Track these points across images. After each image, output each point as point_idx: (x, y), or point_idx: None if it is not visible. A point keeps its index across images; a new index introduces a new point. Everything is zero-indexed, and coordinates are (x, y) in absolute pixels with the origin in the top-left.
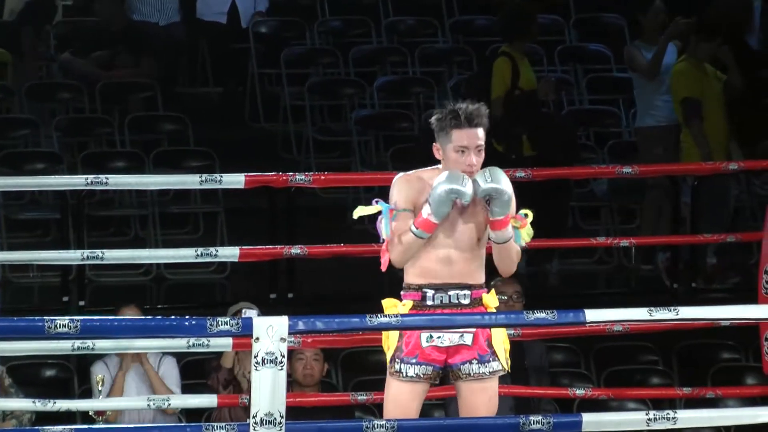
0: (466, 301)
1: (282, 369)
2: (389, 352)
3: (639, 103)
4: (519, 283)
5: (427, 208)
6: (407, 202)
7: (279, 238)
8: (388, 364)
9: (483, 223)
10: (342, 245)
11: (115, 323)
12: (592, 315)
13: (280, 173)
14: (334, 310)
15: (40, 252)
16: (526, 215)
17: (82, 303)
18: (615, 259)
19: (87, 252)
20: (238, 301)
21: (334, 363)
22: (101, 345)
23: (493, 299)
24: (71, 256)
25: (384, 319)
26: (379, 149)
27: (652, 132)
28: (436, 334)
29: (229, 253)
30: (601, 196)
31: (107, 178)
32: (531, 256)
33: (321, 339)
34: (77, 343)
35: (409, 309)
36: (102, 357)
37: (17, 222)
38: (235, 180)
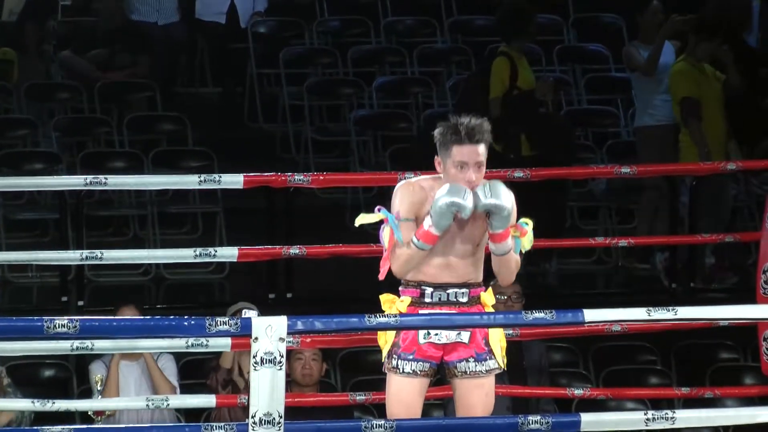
0: (464, 299)
1: (281, 369)
2: (386, 346)
3: (638, 102)
4: (518, 284)
5: (428, 220)
6: (409, 212)
7: (278, 238)
8: (385, 360)
9: (483, 230)
10: (341, 245)
11: (114, 323)
12: (591, 315)
13: (279, 173)
14: (333, 310)
15: (39, 252)
16: (527, 224)
17: (81, 303)
18: (613, 259)
19: (86, 252)
20: (237, 301)
21: (332, 363)
22: (100, 345)
23: (490, 297)
24: (70, 256)
25: (383, 318)
26: (378, 149)
27: (651, 131)
28: (434, 331)
29: (227, 253)
30: (600, 196)
31: (106, 178)
32: (529, 256)
33: (320, 339)
34: (76, 343)
35: (407, 305)
36: (100, 356)
37: (16, 222)
38: (234, 180)
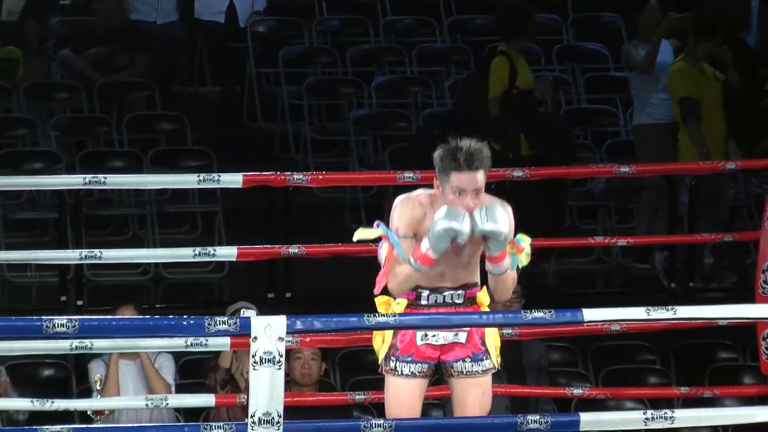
0: (460, 300)
1: (280, 368)
2: (383, 348)
3: (636, 101)
4: (518, 284)
5: (426, 243)
6: (408, 229)
7: (277, 238)
8: (383, 362)
9: (479, 245)
10: (340, 245)
11: (113, 323)
12: (590, 314)
13: (278, 173)
14: (332, 309)
15: (38, 251)
16: (523, 240)
17: (80, 302)
18: (613, 259)
19: (85, 251)
20: (236, 301)
21: (331, 362)
22: (99, 344)
23: (486, 296)
24: (69, 256)
25: (382, 318)
26: (377, 149)
27: (649, 130)
28: (431, 333)
29: (227, 252)
30: (599, 196)
31: (105, 178)
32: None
33: (319, 338)
34: (75, 342)
35: (404, 308)
36: (100, 355)
37: (15, 221)
38: (233, 179)
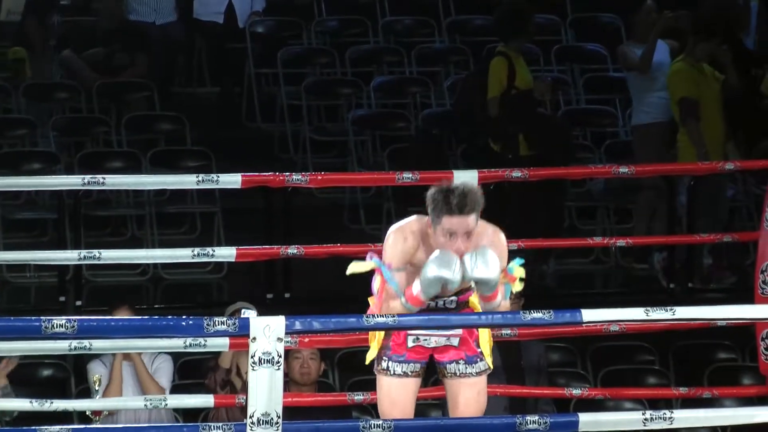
0: (453, 306)
1: (279, 369)
2: (374, 348)
3: (634, 101)
4: None
5: (417, 286)
6: (401, 262)
7: (276, 238)
8: (375, 362)
9: None
10: (339, 245)
11: (112, 323)
12: (589, 315)
13: (277, 173)
14: (331, 310)
15: (37, 252)
16: (514, 269)
17: (79, 303)
18: (612, 259)
19: (84, 252)
20: (235, 301)
21: (330, 363)
22: (98, 345)
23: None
24: (68, 256)
25: (381, 318)
26: (376, 149)
27: (647, 129)
28: (423, 337)
29: (226, 253)
30: (598, 196)
31: (104, 178)
32: (528, 257)
33: (318, 339)
34: (74, 343)
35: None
36: (99, 356)
37: (14, 222)
38: (232, 180)
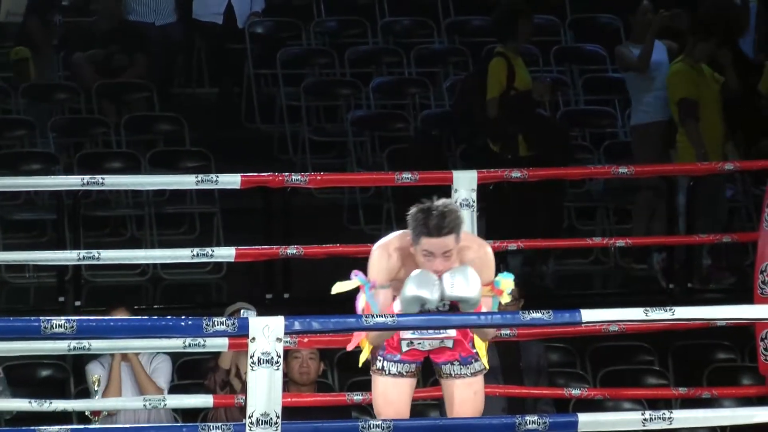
0: (445, 309)
1: (278, 369)
2: (366, 350)
3: (633, 101)
4: (516, 286)
5: (398, 305)
6: (385, 279)
7: (275, 239)
8: (371, 362)
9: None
10: (338, 245)
11: (112, 323)
12: (588, 315)
13: (276, 174)
14: (331, 310)
15: (36, 252)
16: (500, 282)
17: (78, 303)
18: (611, 260)
19: (83, 252)
20: (235, 302)
21: (330, 363)
22: (97, 345)
23: None
24: (67, 257)
25: (380, 318)
26: (375, 150)
27: (645, 129)
28: (417, 341)
29: (225, 253)
30: (597, 197)
31: (103, 179)
32: (527, 257)
33: (317, 339)
34: (73, 343)
35: None
36: (97, 357)
37: (13, 222)
38: (231, 180)
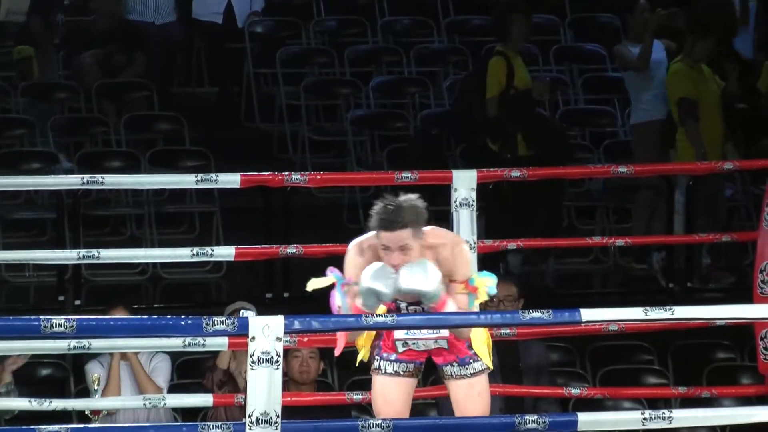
0: (414, 306)
1: (278, 368)
2: (363, 349)
3: (632, 100)
4: (515, 286)
5: (359, 300)
6: (359, 275)
7: (275, 238)
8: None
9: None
10: (338, 245)
11: (111, 323)
12: (588, 314)
13: (276, 173)
14: (330, 309)
15: (36, 251)
16: (476, 280)
17: (77, 302)
18: (610, 259)
19: (83, 251)
20: (234, 301)
21: (329, 362)
22: (97, 344)
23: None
24: (67, 256)
25: (380, 318)
26: (375, 149)
27: (645, 128)
28: (411, 341)
29: (224, 252)
30: (597, 196)
31: (103, 178)
32: (527, 256)
33: (317, 338)
34: (73, 342)
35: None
36: (96, 356)
37: (13, 221)
38: (231, 180)
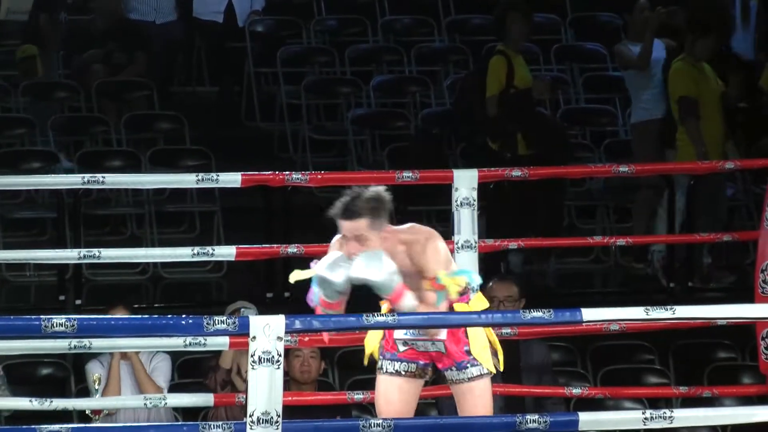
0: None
1: (279, 368)
2: (374, 347)
3: (632, 99)
4: (516, 286)
5: (318, 289)
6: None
7: (275, 237)
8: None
9: (407, 260)
10: None
11: (112, 322)
12: (589, 314)
13: (277, 172)
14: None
15: (37, 251)
16: (442, 278)
17: (78, 302)
18: (611, 258)
19: (83, 251)
20: (235, 300)
21: (330, 362)
22: (98, 344)
23: (477, 303)
24: (68, 255)
25: (380, 318)
26: (376, 148)
27: (645, 126)
28: (411, 341)
29: (225, 252)
30: (597, 195)
31: (104, 177)
32: (528, 256)
33: (318, 338)
34: (74, 341)
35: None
36: (96, 356)
37: (13, 221)
38: (232, 179)
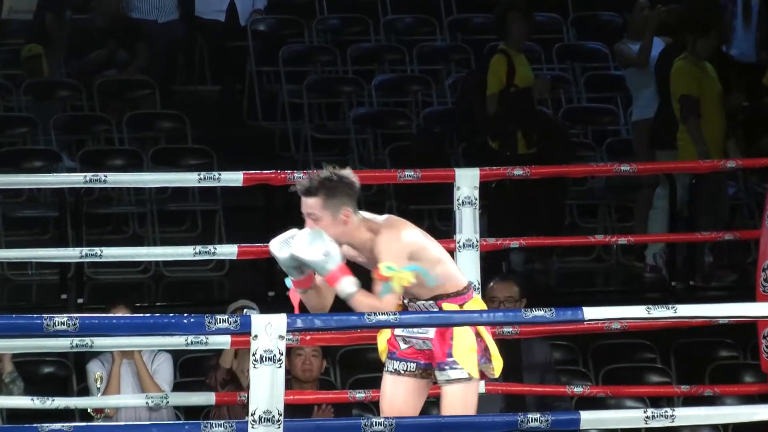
0: (435, 309)
1: (280, 367)
2: (382, 349)
3: (633, 97)
4: (517, 286)
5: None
6: None
7: (277, 236)
8: None
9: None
10: None
11: (114, 321)
12: (591, 313)
13: (278, 171)
14: (332, 307)
15: (39, 250)
16: (385, 270)
17: (80, 300)
18: (613, 257)
19: (85, 249)
20: (237, 299)
21: (332, 360)
22: (100, 342)
23: (475, 304)
24: (70, 254)
25: (382, 316)
26: (377, 147)
27: (645, 125)
28: (407, 338)
29: (227, 250)
30: (599, 194)
31: (106, 176)
32: (529, 255)
33: (319, 336)
34: (76, 340)
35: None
36: (98, 355)
37: (16, 219)
38: (234, 178)
